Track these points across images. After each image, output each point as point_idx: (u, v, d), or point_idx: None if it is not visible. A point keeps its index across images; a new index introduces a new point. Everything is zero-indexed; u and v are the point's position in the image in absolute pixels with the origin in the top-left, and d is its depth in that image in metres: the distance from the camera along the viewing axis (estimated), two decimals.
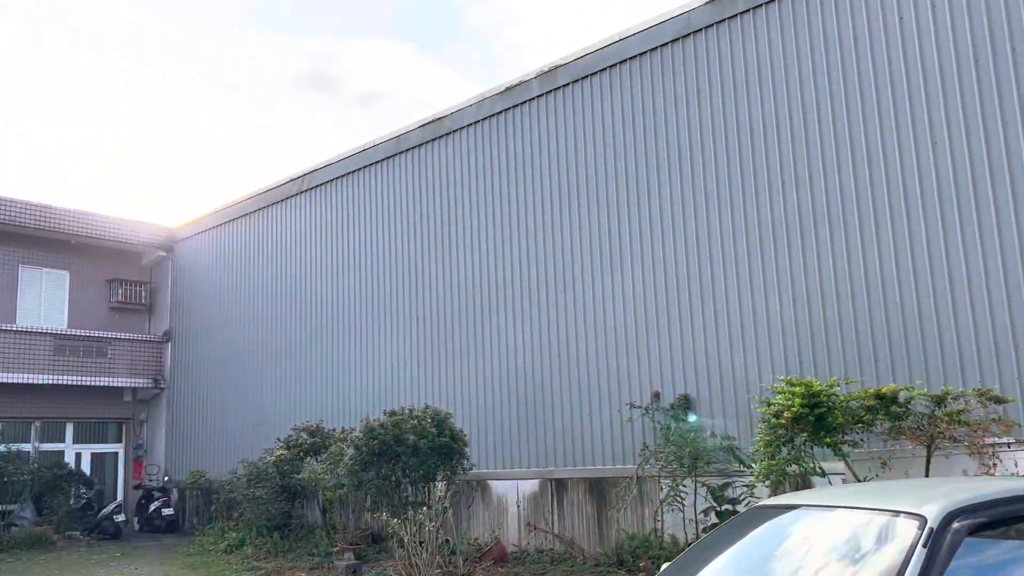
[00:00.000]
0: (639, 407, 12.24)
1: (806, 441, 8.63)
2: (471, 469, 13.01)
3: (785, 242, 11.20)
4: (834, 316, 10.62)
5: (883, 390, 8.63)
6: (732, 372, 11.48)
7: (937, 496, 3.85)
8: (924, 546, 3.48)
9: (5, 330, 19.66)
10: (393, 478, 12.13)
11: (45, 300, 21.45)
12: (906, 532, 3.64)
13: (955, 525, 3.57)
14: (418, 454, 11.92)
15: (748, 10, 11.93)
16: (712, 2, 12.33)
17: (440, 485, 12.00)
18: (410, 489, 12.41)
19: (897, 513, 3.82)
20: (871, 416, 8.58)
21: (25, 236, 20.88)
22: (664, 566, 4.96)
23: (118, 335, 21.70)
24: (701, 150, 12.24)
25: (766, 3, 11.78)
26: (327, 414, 16.59)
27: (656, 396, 12.18)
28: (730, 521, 5.18)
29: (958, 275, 9.71)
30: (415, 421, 12.08)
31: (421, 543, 10.75)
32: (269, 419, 18.22)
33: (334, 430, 15.29)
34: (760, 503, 5.26)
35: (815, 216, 10.97)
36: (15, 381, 19.48)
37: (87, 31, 55.13)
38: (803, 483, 9.38)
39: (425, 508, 11.24)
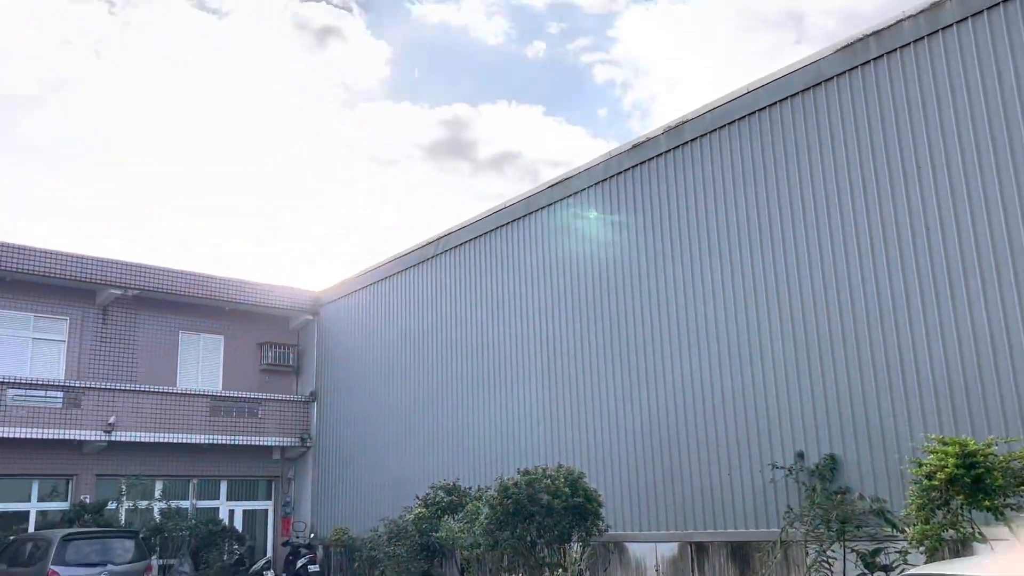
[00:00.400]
0: (782, 467, 11.79)
1: (963, 504, 8.08)
2: (607, 530, 12.82)
3: (933, 292, 10.65)
4: (990, 368, 9.96)
5: None
6: (881, 430, 10.92)
7: None
8: None
9: (166, 392, 20.94)
10: (528, 538, 12.09)
11: (202, 363, 22.80)
12: None
13: None
14: (552, 514, 11.86)
15: (881, 56, 11.61)
16: (843, 49, 12.07)
17: (575, 546, 11.87)
18: (545, 550, 12.32)
19: None
20: None
21: (185, 304, 22.33)
22: None
23: (268, 396, 22.74)
24: (838, 200, 11.88)
25: (900, 48, 11.43)
26: (463, 472, 16.76)
27: (800, 456, 11.71)
28: None
29: None
30: (548, 480, 12.05)
31: None
32: (408, 477, 18.56)
33: (470, 489, 15.43)
34: (911, 571, 4.97)
35: (964, 264, 10.40)
36: (175, 441, 20.67)
37: (226, 102, 59.34)
38: (962, 549, 8.76)
39: (560, 570, 11.13)
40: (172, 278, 21.88)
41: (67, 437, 19.14)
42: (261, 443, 22.23)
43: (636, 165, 14.98)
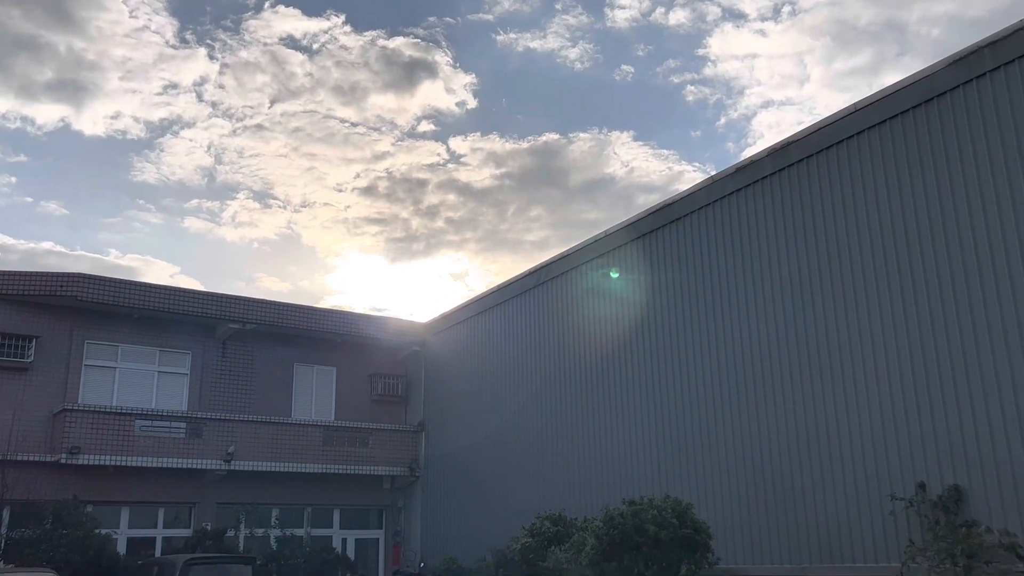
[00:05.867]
0: (902, 499, 11.27)
1: None
2: (717, 563, 12.49)
3: None
4: None
5: None
6: (1010, 460, 10.33)
7: None
8: None
9: (282, 423, 21.64)
10: (635, 570, 11.89)
11: (315, 394, 23.48)
12: None
13: None
14: (659, 545, 11.65)
15: (998, 67, 11.12)
16: (956, 63, 11.62)
17: None
18: None
19: None
20: None
21: (299, 337, 23.10)
22: None
23: (378, 426, 23.20)
24: (955, 220, 11.38)
25: (1018, 58, 10.92)
26: (570, 503, 16.65)
27: (921, 487, 11.17)
28: None
29: None
30: (655, 511, 11.86)
31: None
32: (515, 507, 18.55)
33: (575, 519, 15.30)
34: None
35: None
36: (290, 470, 21.29)
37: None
38: None
39: None
40: (287, 312, 22.68)
41: (190, 466, 20.00)
42: (372, 472, 22.65)
43: (740, 188, 14.74)
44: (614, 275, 14.43)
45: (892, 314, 11.99)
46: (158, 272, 61.54)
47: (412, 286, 64.25)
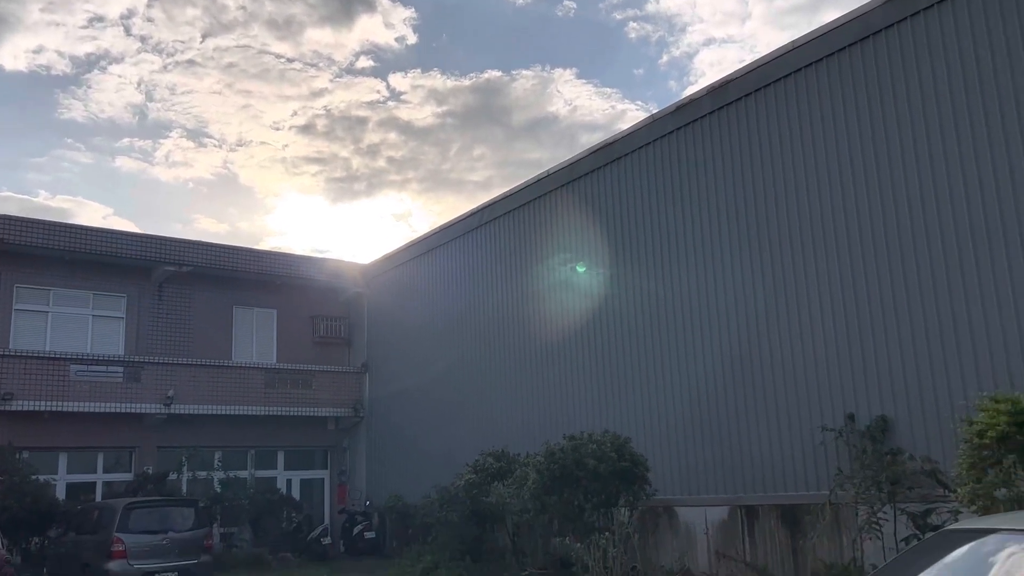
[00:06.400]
0: (832, 430, 11.65)
1: (1016, 462, 7.90)
2: (654, 495, 12.83)
3: (987, 246, 10.36)
4: None
5: None
6: (933, 390, 10.72)
7: None
8: None
9: (222, 366, 21.43)
10: (575, 502, 12.17)
11: (256, 337, 23.25)
12: None
13: None
14: (598, 478, 11.91)
15: (931, 6, 11.23)
16: (891, 1, 11.70)
17: (623, 510, 11.89)
18: (594, 514, 12.38)
19: None
20: None
21: (238, 279, 22.75)
22: None
23: (321, 368, 23.13)
24: (888, 157, 11.58)
25: None
26: (512, 440, 16.86)
27: (850, 418, 11.55)
28: (916, 546, 4.84)
29: None
30: (594, 445, 12.10)
31: (607, 568, 10.70)
32: (459, 445, 18.75)
33: (518, 455, 15.54)
34: (952, 526, 4.89)
35: (1021, 221, 10.08)
36: (232, 413, 21.15)
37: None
38: (1018, 508, 8.57)
39: (608, 533, 11.18)
40: (225, 253, 22.30)
41: (128, 411, 19.74)
42: (316, 414, 22.64)
43: (680, 127, 14.78)
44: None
45: (826, 251, 12.23)
46: (90, 214, 60.00)
47: (354, 227, 63.60)
